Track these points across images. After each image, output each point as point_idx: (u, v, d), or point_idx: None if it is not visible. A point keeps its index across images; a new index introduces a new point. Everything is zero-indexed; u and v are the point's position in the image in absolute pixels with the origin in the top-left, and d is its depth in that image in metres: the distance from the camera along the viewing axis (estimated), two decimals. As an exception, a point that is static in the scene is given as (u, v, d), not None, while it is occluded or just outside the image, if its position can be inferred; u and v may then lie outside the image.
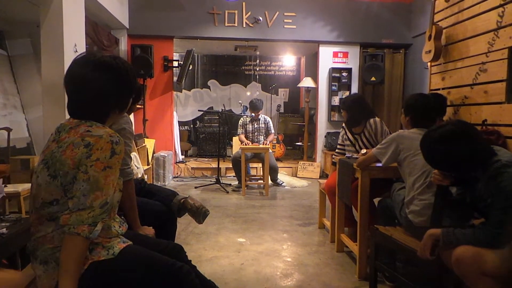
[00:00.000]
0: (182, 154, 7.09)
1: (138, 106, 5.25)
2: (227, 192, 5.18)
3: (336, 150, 3.43)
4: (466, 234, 1.63)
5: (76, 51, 3.82)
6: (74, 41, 3.81)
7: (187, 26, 6.14)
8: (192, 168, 6.52)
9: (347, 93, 6.40)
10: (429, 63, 3.68)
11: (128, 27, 5.97)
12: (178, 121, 7.21)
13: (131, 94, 1.36)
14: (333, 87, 6.48)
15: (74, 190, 1.18)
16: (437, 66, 3.56)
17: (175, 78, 6.53)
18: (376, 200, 2.74)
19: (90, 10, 4.57)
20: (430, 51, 3.44)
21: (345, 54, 6.50)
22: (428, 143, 1.76)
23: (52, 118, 3.45)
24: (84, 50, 4.07)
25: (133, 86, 1.36)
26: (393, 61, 6.51)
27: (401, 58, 6.51)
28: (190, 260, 1.61)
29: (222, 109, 7.08)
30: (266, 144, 5.32)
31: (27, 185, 3.36)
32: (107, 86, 1.27)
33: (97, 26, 4.96)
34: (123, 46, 6.02)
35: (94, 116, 1.28)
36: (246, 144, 5.27)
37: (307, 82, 6.76)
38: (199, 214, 2.17)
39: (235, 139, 6.32)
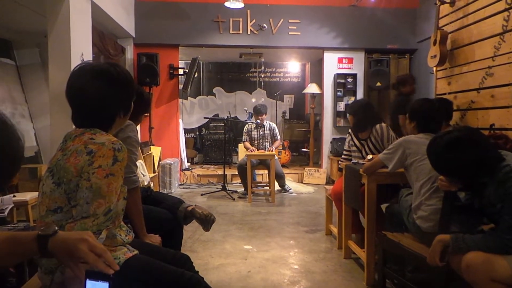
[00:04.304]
0: (188, 162, 7.11)
1: (145, 115, 5.28)
2: (233, 199, 5.17)
3: (342, 156, 3.41)
4: (476, 240, 1.61)
5: (83, 60, 3.86)
6: (81, 51, 3.85)
7: (192, 34, 6.18)
8: (198, 175, 6.52)
9: (353, 98, 6.39)
10: (434, 68, 3.66)
11: (134, 36, 6.03)
12: (184, 129, 7.24)
13: (132, 95, 1.39)
14: (338, 93, 6.47)
15: (78, 198, 1.18)
16: (443, 70, 3.54)
17: (180, 86, 6.56)
18: (383, 206, 2.72)
19: (97, 19, 4.63)
20: (435, 56, 3.42)
21: (350, 60, 6.49)
22: (435, 150, 1.75)
23: (59, 127, 3.48)
24: (91, 59, 4.11)
25: (133, 87, 1.38)
26: (398, 66, 6.49)
27: (406, 63, 6.49)
28: (197, 271, 1.60)
29: (227, 116, 7.10)
30: (271, 151, 5.31)
31: (35, 194, 3.38)
32: (107, 92, 1.28)
33: (104, 35, 5.02)
34: (129, 54, 6.07)
35: (99, 123, 1.29)
36: (251, 151, 5.26)
37: (312, 88, 6.76)
38: (208, 222, 2.17)
39: (240, 146, 6.31)
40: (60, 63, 3.63)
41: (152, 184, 4.70)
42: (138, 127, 5.73)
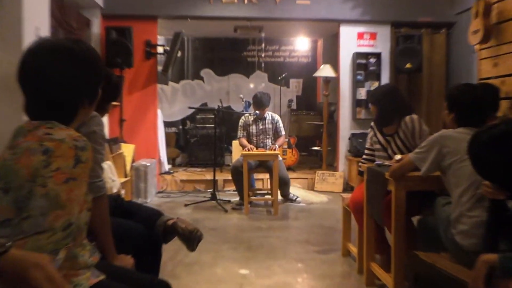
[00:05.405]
0: (168, 163, 7.11)
1: (114, 103, 5.29)
2: (226, 211, 5.19)
3: (363, 156, 3.42)
4: (530, 261, 1.61)
5: (39, 36, 3.85)
6: (35, 25, 3.85)
7: (174, 3, 6.17)
8: (181, 180, 6.53)
9: (376, 84, 6.40)
10: (477, 46, 3.67)
11: (102, 6, 6.01)
12: (164, 122, 7.24)
13: (99, 79, 1.41)
14: (359, 77, 6.48)
15: (30, 208, 1.17)
16: (488, 49, 3.55)
17: (159, 68, 6.56)
18: (415, 219, 2.73)
19: (54, -16, 4.61)
20: (477, 31, 3.43)
21: (373, 36, 6.50)
22: (476, 148, 1.75)
23: (5, 119, 3.47)
24: (48, 34, 4.10)
25: (100, 69, 1.41)
26: (432, 43, 6.50)
27: (442, 40, 6.50)
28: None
29: (218, 106, 7.09)
30: (274, 150, 5.31)
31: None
32: (69, 74, 1.30)
33: (64, 5, 5.01)
34: (96, 28, 6.06)
35: (58, 115, 1.30)
36: (249, 150, 5.26)
37: (325, 71, 6.77)
38: (193, 239, 2.17)
39: (235, 144, 6.32)
40: (8, 41, 3.61)
41: (123, 192, 4.71)
42: (105, 120, 5.75)
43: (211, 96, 8.72)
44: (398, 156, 2.82)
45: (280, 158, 5.34)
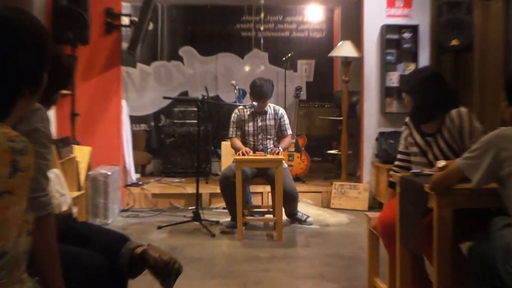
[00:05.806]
0: (136, 172, 7.11)
1: (63, 92, 5.28)
2: (213, 235, 5.19)
3: (396, 163, 3.43)
4: None
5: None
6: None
7: (144, -42, 6.19)
8: (153, 194, 6.53)
9: (412, 66, 6.41)
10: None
11: (46, -38, 6.03)
12: (130, 117, 7.24)
13: (45, 60, 1.42)
14: (389, 57, 6.51)
15: None
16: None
17: (125, 45, 6.56)
18: (464, 246, 2.73)
19: None
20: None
21: (408, 3, 6.52)
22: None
23: None
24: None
25: (46, 47, 1.41)
26: (486, 13, 6.51)
27: (499, 9, 6.50)
28: None
29: (203, 96, 7.09)
30: (277, 154, 5.31)
31: None
32: (5, 54, 1.30)
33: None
34: (39, -8, 6.08)
35: None
36: (244, 154, 5.26)
37: (344, 50, 6.78)
38: (169, 273, 2.17)
39: (225, 146, 6.32)
40: None
41: (75, 210, 4.69)
42: (52, 114, 5.74)
43: (193, 83, 8.72)
44: (441, 163, 2.83)
45: (285, 165, 5.35)
